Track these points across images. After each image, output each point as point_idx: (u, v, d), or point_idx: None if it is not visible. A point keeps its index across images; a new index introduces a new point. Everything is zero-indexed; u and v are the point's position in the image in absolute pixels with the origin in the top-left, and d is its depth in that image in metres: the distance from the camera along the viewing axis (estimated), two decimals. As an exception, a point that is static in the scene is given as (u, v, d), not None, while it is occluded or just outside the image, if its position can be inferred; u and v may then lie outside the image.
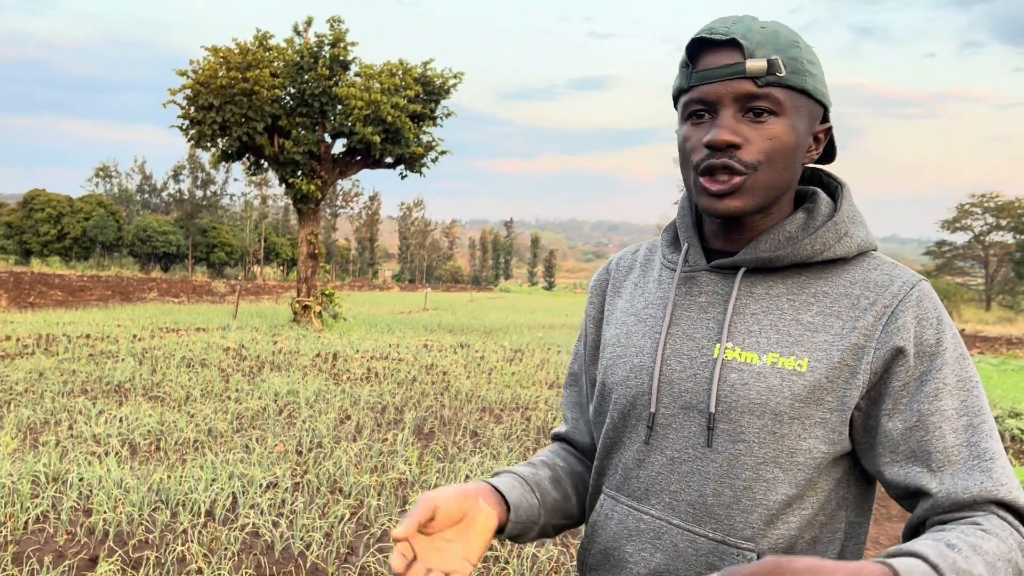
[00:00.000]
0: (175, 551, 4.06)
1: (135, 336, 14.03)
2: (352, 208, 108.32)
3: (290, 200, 18.99)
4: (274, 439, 6.50)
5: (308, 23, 18.98)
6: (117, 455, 5.83)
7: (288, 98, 18.60)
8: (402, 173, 19.53)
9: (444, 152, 19.69)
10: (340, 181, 20.02)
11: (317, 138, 18.54)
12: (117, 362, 10.37)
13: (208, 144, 18.21)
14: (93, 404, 7.58)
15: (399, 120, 17.91)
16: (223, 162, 18.85)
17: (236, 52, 17.80)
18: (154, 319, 18.30)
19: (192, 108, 17.69)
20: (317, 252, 19.11)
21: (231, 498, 4.94)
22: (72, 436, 6.34)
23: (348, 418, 7.62)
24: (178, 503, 4.79)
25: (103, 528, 4.37)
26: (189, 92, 17.56)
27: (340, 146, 19.23)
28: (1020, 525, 1.03)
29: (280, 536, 4.36)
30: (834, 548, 1.14)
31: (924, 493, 1.07)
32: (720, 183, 1.10)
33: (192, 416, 7.29)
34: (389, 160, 19.08)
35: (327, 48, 18.46)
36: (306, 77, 18.31)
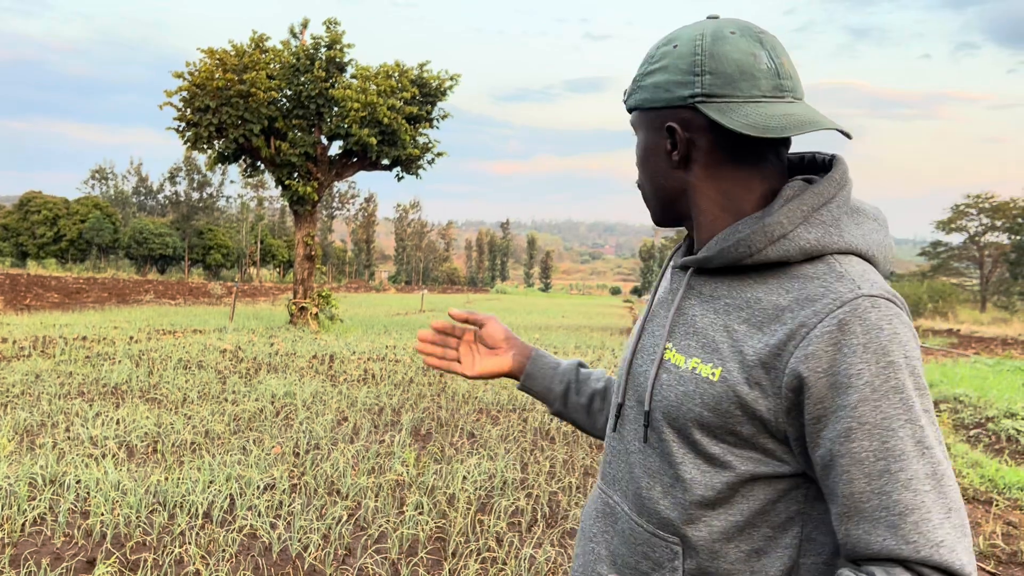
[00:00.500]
0: (173, 553, 4.07)
1: (132, 338, 14.02)
2: (348, 210, 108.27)
3: (286, 202, 18.98)
4: (271, 441, 6.50)
5: (304, 25, 18.98)
6: (114, 457, 5.83)
7: (284, 100, 18.60)
8: (398, 175, 19.52)
9: (440, 154, 19.69)
10: (336, 183, 20.02)
11: (313, 140, 18.54)
12: (114, 364, 10.37)
13: (204, 146, 18.19)
14: (90, 406, 7.58)
15: (395, 122, 17.91)
16: (219, 164, 18.84)
17: (232, 54, 17.79)
18: (150, 321, 18.28)
19: (188, 110, 17.68)
20: (313, 254, 19.10)
21: (229, 500, 4.94)
22: (69, 438, 6.34)
23: (345, 420, 7.62)
24: (175, 505, 4.79)
25: (101, 530, 4.37)
26: (185, 94, 17.55)
27: (336, 148, 19.23)
28: None
29: (278, 538, 4.36)
30: (781, 562, 1.10)
31: (839, 535, 1.01)
32: None
33: (189, 418, 7.28)
34: (385, 162, 19.07)
35: (323, 50, 18.46)
36: (302, 79, 18.31)
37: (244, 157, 19.09)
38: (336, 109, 18.28)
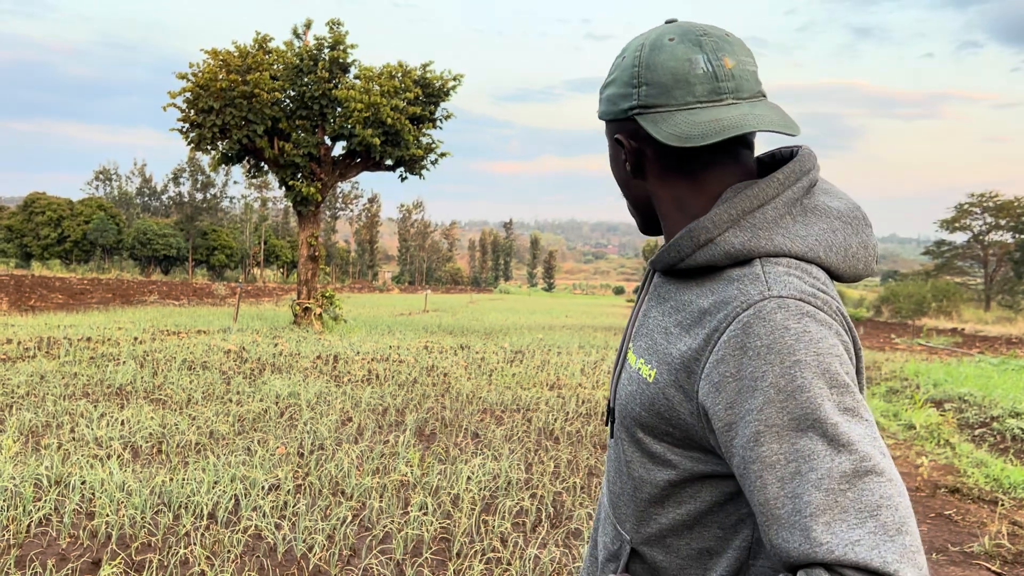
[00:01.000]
0: (178, 554, 4.07)
1: (136, 339, 14.04)
2: (352, 210, 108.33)
3: (290, 203, 19.01)
4: (276, 441, 6.51)
5: (307, 26, 19.00)
6: (119, 458, 5.84)
7: (288, 101, 18.62)
8: (402, 175, 19.54)
9: (444, 154, 19.70)
10: (340, 183, 20.01)
11: (317, 140, 18.56)
12: (118, 365, 10.38)
13: (208, 147, 18.23)
14: (95, 407, 7.59)
15: (399, 122, 17.92)
16: (223, 165, 18.87)
17: (236, 55, 17.81)
18: (155, 322, 18.30)
19: (192, 111, 17.71)
20: (317, 254, 19.12)
21: (233, 500, 4.95)
22: (74, 439, 6.35)
23: (349, 420, 7.63)
24: (180, 506, 4.80)
25: (106, 531, 4.37)
26: (189, 95, 17.58)
27: (340, 148, 19.27)
28: None
29: (282, 538, 4.37)
30: (730, 563, 1.09)
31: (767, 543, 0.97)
32: None
33: (194, 418, 7.29)
34: (389, 162, 19.08)
35: (326, 51, 18.48)
36: (306, 80, 18.33)
37: (248, 158, 19.11)
38: (339, 110, 18.29)
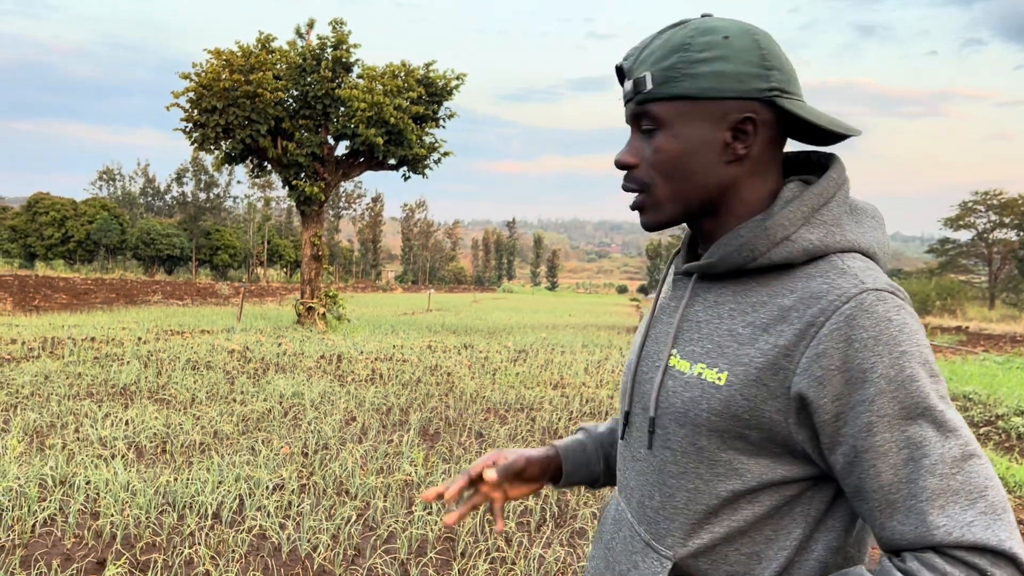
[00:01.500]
0: (182, 554, 4.07)
1: (140, 339, 14.06)
2: (355, 210, 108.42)
3: (293, 202, 19.05)
4: (280, 441, 6.51)
5: (310, 25, 19.01)
6: (123, 458, 5.84)
7: (291, 100, 18.63)
8: (405, 174, 19.54)
9: (447, 153, 19.70)
10: (343, 183, 20.03)
11: (320, 140, 18.56)
12: (122, 365, 10.39)
13: (211, 147, 18.24)
14: (99, 407, 7.60)
15: (402, 121, 17.92)
16: (226, 165, 18.88)
17: (239, 55, 17.83)
18: (158, 322, 18.32)
19: (195, 111, 17.73)
20: (320, 254, 19.13)
21: (238, 500, 4.95)
22: (78, 439, 6.35)
23: (353, 419, 7.63)
24: (185, 506, 4.80)
25: (111, 531, 4.38)
26: (192, 95, 17.60)
27: (343, 148, 19.27)
28: (993, 570, 0.92)
29: (287, 538, 4.37)
30: (777, 563, 1.09)
31: (874, 532, 1.02)
32: (632, 202, 1.17)
33: (198, 418, 7.30)
34: (392, 161, 19.08)
35: (329, 50, 18.48)
36: (309, 79, 18.34)
37: (251, 157, 19.13)
38: (342, 109, 18.30)
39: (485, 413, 8.22)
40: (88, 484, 5.08)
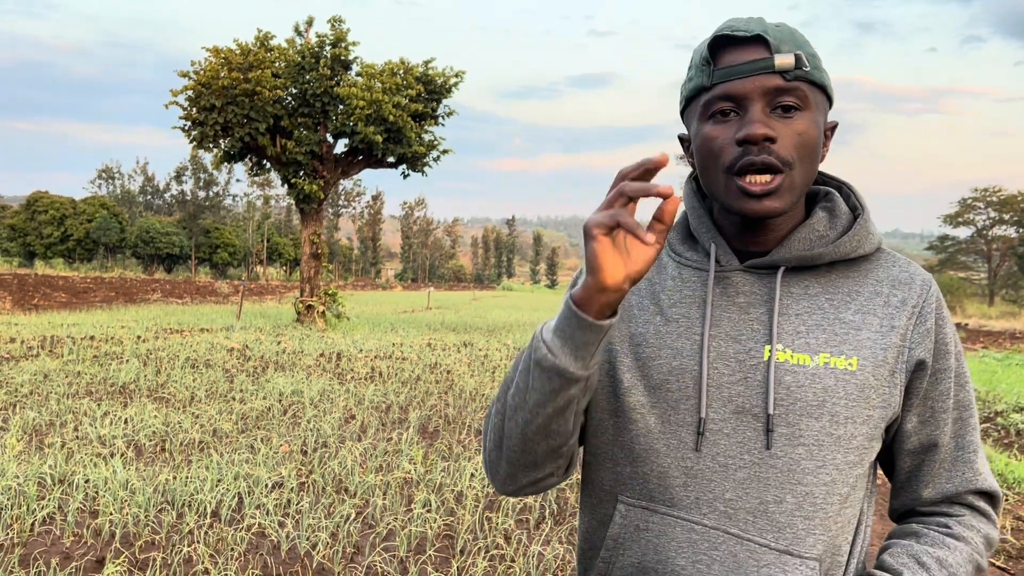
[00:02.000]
0: (181, 552, 4.07)
1: (139, 337, 14.05)
2: (354, 208, 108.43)
3: (292, 200, 19.01)
4: (279, 439, 6.51)
5: (309, 23, 18.99)
6: (123, 456, 5.84)
7: (290, 98, 18.61)
8: (404, 172, 19.53)
9: (446, 151, 19.69)
10: (342, 181, 20.01)
11: (319, 138, 18.55)
12: (121, 363, 10.39)
13: (210, 145, 18.23)
14: (98, 405, 7.60)
15: (401, 119, 17.91)
16: (225, 163, 18.87)
17: (237, 53, 17.81)
18: (158, 320, 18.32)
19: (194, 109, 17.71)
20: (320, 252, 19.12)
21: (237, 498, 4.95)
22: (77, 437, 6.35)
23: (353, 418, 7.63)
24: (184, 504, 4.80)
25: (110, 529, 4.38)
26: (191, 93, 17.58)
27: (342, 146, 19.26)
28: (991, 510, 1.20)
29: (286, 536, 4.37)
30: (858, 545, 1.16)
31: (917, 483, 1.20)
32: (760, 183, 1.06)
33: (197, 417, 7.30)
34: (391, 159, 19.07)
35: (328, 48, 18.46)
36: (307, 77, 18.32)
37: (250, 156, 19.12)
38: (341, 107, 18.28)
39: (484, 411, 8.22)
40: (87, 483, 5.08)
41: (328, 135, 18.89)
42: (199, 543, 4.17)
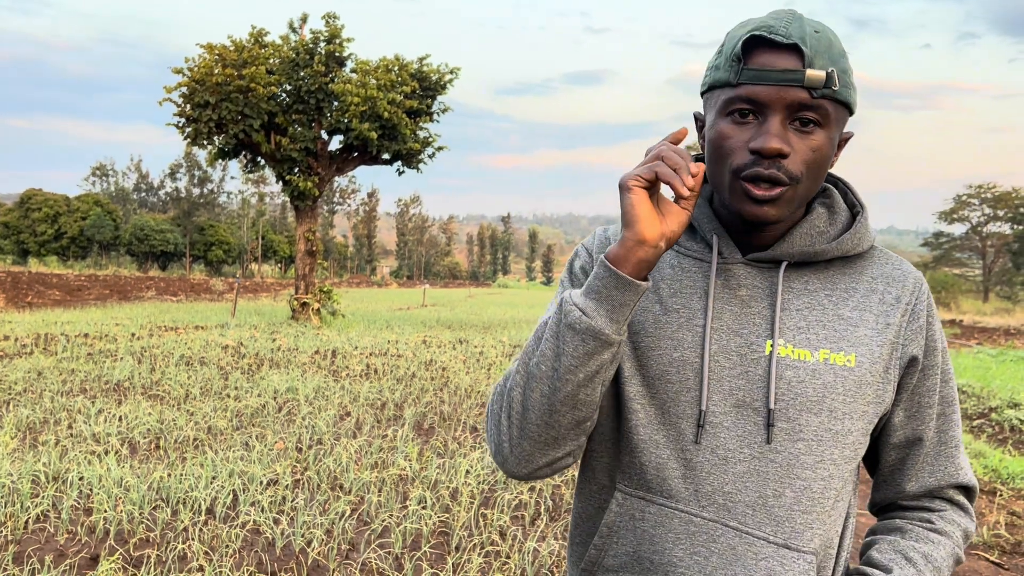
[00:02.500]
0: (176, 549, 4.06)
1: (133, 335, 14.02)
2: (349, 205, 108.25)
3: (287, 197, 18.98)
4: (274, 436, 6.50)
5: (303, 20, 18.94)
6: (117, 454, 5.83)
7: (284, 95, 18.57)
8: (399, 169, 19.50)
9: (441, 148, 19.67)
10: (337, 178, 19.98)
11: (314, 135, 18.51)
12: (116, 361, 10.37)
13: (204, 142, 18.18)
14: (92, 403, 7.58)
15: (396, 116, 17.88)
16: (220, 160, 18.83)
17: (231, 49, 17.76)
18: (152, 318, 18.28)
19: (188, 106, 17.65)
20: (315, 249, 19.09)
21: (232, 496, 4.94)
22: (72, 435, 6.34)
23: (348, 415, 7.62)
24: (178, 501, 4.79)
25: (104, 527, 4.36)
26: (185, 90, 17.52)
27: (337, 143, 19.21)
28: (969, 504, 1.23)
29: (281, 533, 4.36)
30: (847, 539, 1.19)
31: (900, 477, 1.23)
32: (764, 190, 1.06)
33: (192, 414, 7.28)
34: (386, 156, 19.04)
35: (323, 44, 18.42)
36: (302, 74, 18.27)
37: (244, 153, 19.07)
38: (336, 104, 18.24)
39: (480, 408, 8.22)
40: (81, 480, 5.07)
41: (323, 132, 18.85)
42: (194, 540, 4.16)
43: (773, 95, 1.04)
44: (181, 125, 17.99)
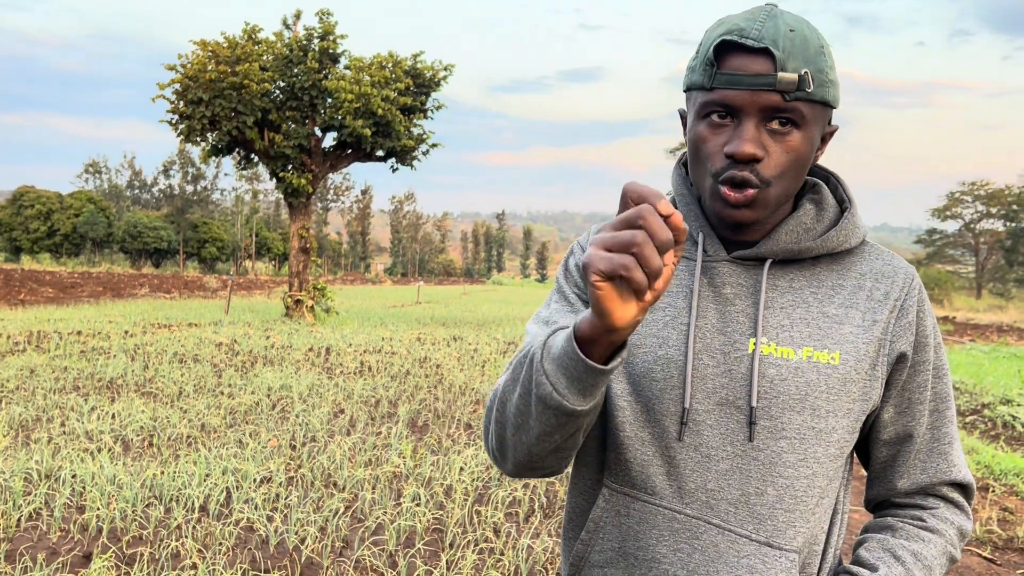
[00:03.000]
0: (169, 547, 4.05)
1: (127, 332, 13.98)
2: (343, 202, 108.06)
3: (281, 194, 18.93)
4: (267, 434, 6.49)
5: (297, 16, 18.89)
6: (110, 451, 5.81)
7: (278, 92, 18.52)
8: (393, 166, 19.47)
9: (435, 145, 19.64)
10: (331, 175, 19.95)
11: (307, 132, 18.47)
12: (109, 358, 10.34)
13: (198, 139, 18.13)
14: (85, 400, 7.55)
15: (389, 113, 17.85)
16: (213, 157, 18.77)
17: (225, 46, 17.70)
18: (146, 315, 18.23)
19: (181, 103, 17.60)
20: (309, 246, 19.05)
21: (225, 493, 4.93)
22: (64, 433, 6.32)
23: (342, 412, 7.61)
24: (172, 499, 4.78)
25: (96, 525, 4.35)
26: (178, 87, 17.47)
27: (330, 140, 19.18)
28: (965, 502, 1.21)
29: (275, 531, 4.35)
30: (835, 535, 1.18)
31: (892, 474, 1.21)
32: (738, 194, 1.06)
33: (185, 412, 7.27)
34: (380, 153, 19.01)
35: (316, 41, 18.38)
36: (295, 70, 18.23)
37: (238, 149, 19.02)
38: (330, 100, 18.21)
39: (474, 405, 8.21)
40: (74, 478, 5.05)
41: (316, 129, 18.81)
42: (187, 538, 4.15)
43: (746, 99, 1.04)
44: (174, 122, 17.93)
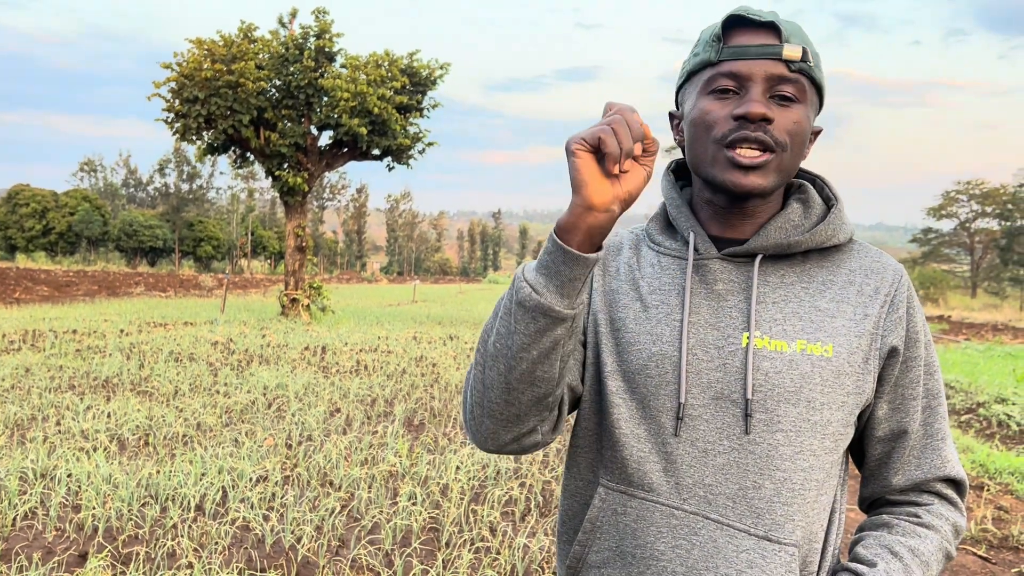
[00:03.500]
0: (165, 546, 4.05)
1: (122, 331, 13.96)
2: (339, 201, 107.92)
3: (277, 193, 18.91)
4: (263, 433, 6.48)
5: (293, 15, 18.86)
6: (105, 450, 5.80)
7: (273, 90, 18.50)
8: (389, 165, 19.45)
9: (431, 144, 19.62)
10: (327, 173, 19.91)
11: (303, 130, 18.45)
12: (104, 357, 10.32)
13: (193, 137, 18.10)
14: (81, 399, 7.54)
15: (385, 111, 17.83)
16: (209, 155, 18.74)
17: (220, 44, 17.68)
18: (141, 314, 18.20)
19: (177, 101, 17.57)
20: (304, 245, 19.03)
21: (221, 492, 4.92)
22: (60, 432, 6.30)
23: (338, 411, 7.61)
24: (167, 498, 4.77)
25: (92, 524, 4.35)
26: (174, 85, 17.44)
27: (326, 138, 19.16)
28: (958, 498, 1.22)
29: (271, 530, 4.35)
30: (833, 533, 1.18)
31: (887, 471, 1.21)
32: (751, 156, 1.08)
33: (181, 410, 7.26)
34: (376, 152, 18.99)
35: (312, 39, 18.35)
36: (291, 69, 18.21)
37: (233, 148, 18.99)
38: (326, 99, 18.18)
39: (470, 403, 8.21)
40: (70, 477, 5.04)
41: (312, 127, 18.78)
42: (183, 537, 4.15)
43: (754, 68, 1.09)
44: (170, 120, 17.90)
